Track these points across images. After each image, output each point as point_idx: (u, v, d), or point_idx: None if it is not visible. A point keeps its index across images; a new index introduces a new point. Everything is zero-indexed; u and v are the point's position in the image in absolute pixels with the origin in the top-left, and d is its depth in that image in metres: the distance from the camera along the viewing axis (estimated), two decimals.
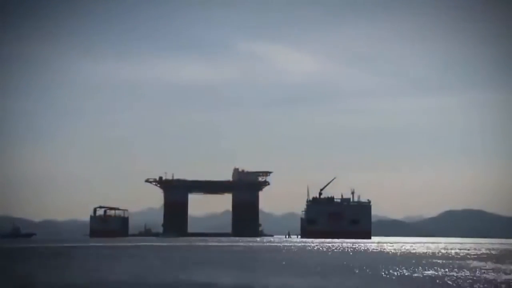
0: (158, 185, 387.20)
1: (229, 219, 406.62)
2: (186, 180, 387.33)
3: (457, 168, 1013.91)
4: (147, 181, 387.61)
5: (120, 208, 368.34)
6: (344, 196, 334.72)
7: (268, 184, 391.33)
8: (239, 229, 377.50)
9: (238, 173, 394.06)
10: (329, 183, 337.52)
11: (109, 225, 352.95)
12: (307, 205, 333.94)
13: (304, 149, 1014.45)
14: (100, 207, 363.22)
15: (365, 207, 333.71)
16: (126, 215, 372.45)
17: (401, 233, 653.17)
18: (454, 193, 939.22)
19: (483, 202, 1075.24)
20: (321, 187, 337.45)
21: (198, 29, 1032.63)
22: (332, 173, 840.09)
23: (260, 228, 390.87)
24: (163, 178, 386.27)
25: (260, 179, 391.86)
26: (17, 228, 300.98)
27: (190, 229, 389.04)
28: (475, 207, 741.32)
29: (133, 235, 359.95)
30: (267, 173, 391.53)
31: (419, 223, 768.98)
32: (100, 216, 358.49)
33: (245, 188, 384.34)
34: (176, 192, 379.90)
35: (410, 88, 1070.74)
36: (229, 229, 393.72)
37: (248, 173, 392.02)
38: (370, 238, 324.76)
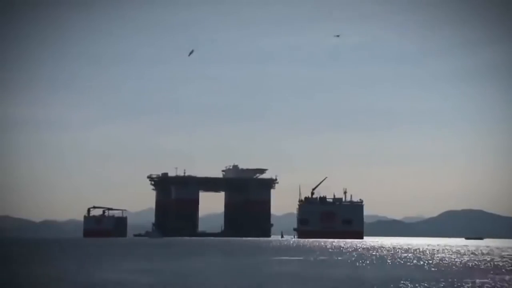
0: (153, 182, 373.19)
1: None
2: (197, 176, 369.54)
3: (457, 168, 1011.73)
4: (149, 177, 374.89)
5: (114, 208, 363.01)
6: (337, 196, 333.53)
7: (277, 182, 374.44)
8: (247, 228, 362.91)
9: (235, 170, 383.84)
10: (320, 183, 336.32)
11: (103, 225, 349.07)
12: (299, 205, 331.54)
13: (304, 149, 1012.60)
14: (94, 207, 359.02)
15: (358, 206, 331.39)
16: (124, 215, 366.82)
17: (401, 233, 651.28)
18: (454, 193, 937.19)
19: (483, 202, 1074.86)
20: (324, 188, 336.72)
21: None
22: (330, 173, 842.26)
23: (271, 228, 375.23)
24: (174, 174, 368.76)
25: (256, 176, 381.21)
26: None
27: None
28: (475, 207, 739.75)
29: (139, 235, 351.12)
30: (263, 171, 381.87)
31: (419, 223, 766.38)
32: (93, 216, 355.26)
33: (257, 186, 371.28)
34: (186, 189, 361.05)
35: (411, 89, 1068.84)
36: (237, 230, 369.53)
37: (244, 170, 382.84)
38: (362, 238, 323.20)
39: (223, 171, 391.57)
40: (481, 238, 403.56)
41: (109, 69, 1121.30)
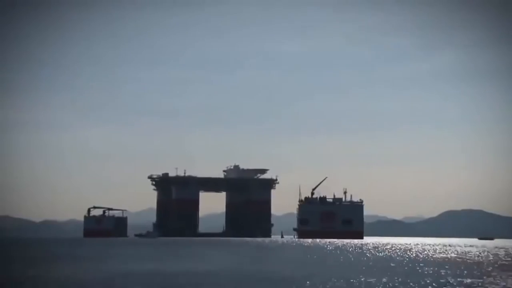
0: (153, 182, 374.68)
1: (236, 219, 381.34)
2: (197, 177, 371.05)
3: (457, 168, 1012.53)
4: (150, 177, 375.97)
5: (114, 208, 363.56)
6: (337, 196, 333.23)
7: (278, 182, 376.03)
8: (248, 229, 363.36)
9: (236, 170, 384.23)
10: (320, 183, 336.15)
11: (103, 225, 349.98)
12: (299, 205, 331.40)
13: (304, 149, 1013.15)
14: (94, 207, 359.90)
15: (358, 206, 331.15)
16: (124, 215, 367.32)
17: (401, 233, 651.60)
18: (454, 193, 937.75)
19: (483, 202, 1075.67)
20: (324, 188, 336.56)
21: None
22: (330, 173, 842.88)
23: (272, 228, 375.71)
24: (175, 174, 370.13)
25: (257, 176, 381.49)
26: None
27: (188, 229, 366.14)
28: (475, 207, 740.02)
29: (140, 235, 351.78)
30: (264, 171, 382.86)
31: (419, 223, 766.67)
32: (93, 216, 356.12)
33: (257, 186, 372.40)
34: (187, 189, 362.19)
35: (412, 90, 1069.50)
36: (238, 230, 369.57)
37: (245, 170, 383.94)
38: (362, 238, 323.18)
39: (224, 171, 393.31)
40: (491, 239, 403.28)
41: (110, 70, 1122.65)
